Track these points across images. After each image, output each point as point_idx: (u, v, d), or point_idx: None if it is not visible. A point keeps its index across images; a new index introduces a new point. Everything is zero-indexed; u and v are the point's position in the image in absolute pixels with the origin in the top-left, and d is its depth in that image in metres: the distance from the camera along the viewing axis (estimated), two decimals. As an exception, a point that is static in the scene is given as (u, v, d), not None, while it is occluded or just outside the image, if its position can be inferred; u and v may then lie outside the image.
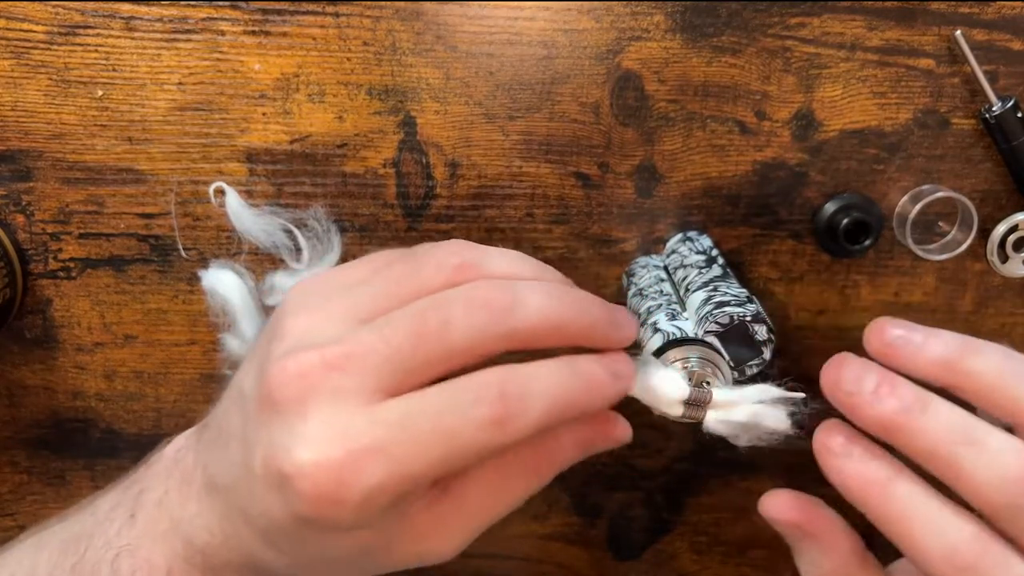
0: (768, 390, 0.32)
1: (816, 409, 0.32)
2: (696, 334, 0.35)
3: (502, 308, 0.26)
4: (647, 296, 0.41)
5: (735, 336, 0.35)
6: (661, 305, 0.39)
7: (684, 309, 0.38)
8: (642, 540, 0.50)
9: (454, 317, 0.25)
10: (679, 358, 0.34)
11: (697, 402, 0.31)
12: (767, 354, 0.35)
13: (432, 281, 0.27)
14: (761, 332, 0.35)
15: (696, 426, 0.32)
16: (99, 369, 0.46)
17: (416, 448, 0.24)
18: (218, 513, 0.28)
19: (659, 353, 0.34)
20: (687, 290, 0.39)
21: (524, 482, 0.29)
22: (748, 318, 0.34)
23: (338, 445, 0.24)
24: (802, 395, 0.32)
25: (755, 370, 0.35)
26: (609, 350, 0.29)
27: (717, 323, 0.35)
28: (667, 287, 0.41)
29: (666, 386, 0.31)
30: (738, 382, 0.35)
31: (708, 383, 0.33)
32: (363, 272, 0.29)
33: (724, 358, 0.34)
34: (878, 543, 0.37)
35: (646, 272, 0.43)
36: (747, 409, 0.31)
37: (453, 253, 0.28)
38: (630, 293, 0.42)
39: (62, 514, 0.35)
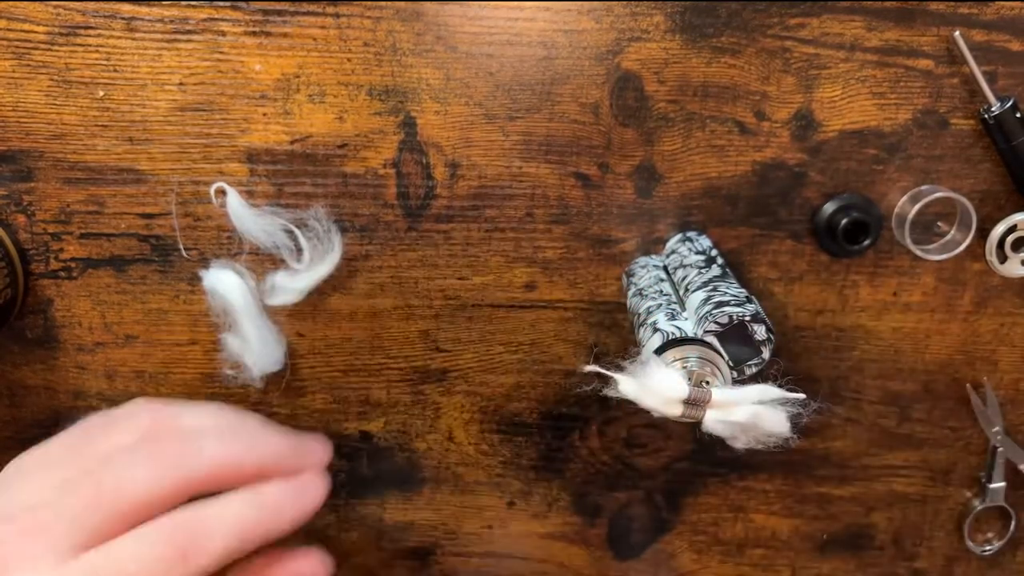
0: (768, 391, 0.32)
1: (817, 409, 0.32)
2: (696, 334, 0.35)
3: (176, 457, 0.28)
4: (647, 296, 0.41)
5: (734, 336, 0.35)
6: (661, 305, 0.39)
7: (684, 309, 0.38)
8: (642, 539, 0.50)
9: (130, 475, 0.28)
10: (678, 358, 0.34)
11: (696, 401, 0.31)
12: (766, 354, 0.35)
13: (123, 441, 0.30)
14: (760, 332, 0.35)
15: (695, 426, 0.32)
16: (100, 369, 0.46)
17: None
18: None
19: (659, 352, 0.34)
20: (687, 290, 0.39)
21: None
22: (747, 317, 0.34)
23: None
24: (802, 395, 0.32)
25: (754, 370, 0.35)
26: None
27: (716, 323, 0.35)
28: (667, 287, 0.41)
29: (666, 385, 0.32)
30: (737, 382, 0.35)
31: (707, 383, 0.33)
32: (68, 441, 0.32)
33: (723, 357, 0.35)
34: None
35: (645, 272, 0.43)
36: (747, 409, 0.31)
37: (145, 415, 0.30)
38: (630, 293, 0.42)
39: None
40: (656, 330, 0.37)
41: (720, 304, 0.35)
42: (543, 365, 0.46)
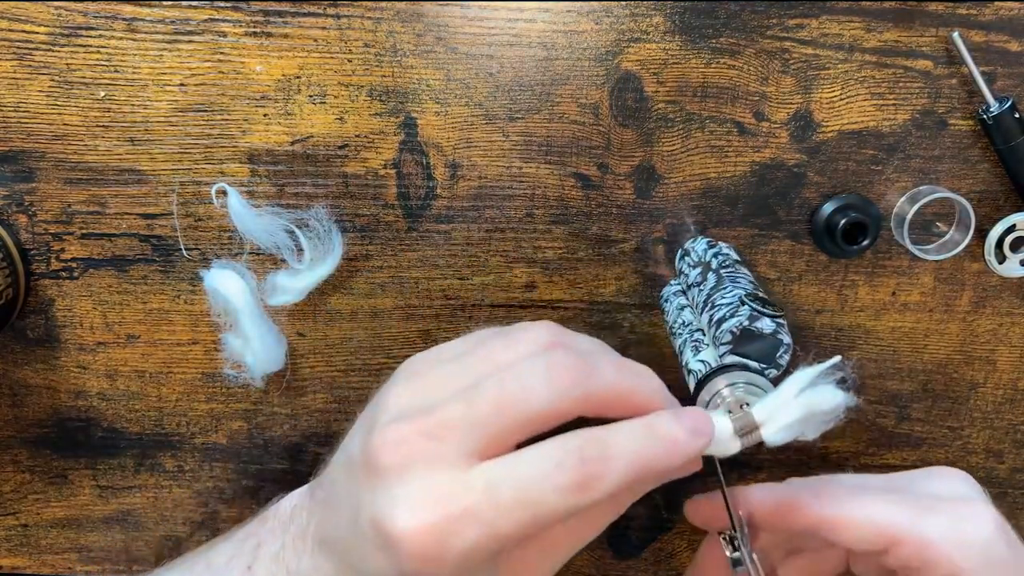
0: (803, 375, 0.30)
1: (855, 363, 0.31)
2: (718, 360, 0.35)
3: (578, 374, 0.28)
4: (675, 333, 0.41)
5: (747, 343, 0.35)
6: (686, 340, 0.39)
7: (705, 333, 0.38)
8: (641, 539, 0.50)
9: (534, 383, 0.27)
10: (712, 394, 0.34)
11: (745, 428, 0.30)
12: (786, 336, 0.34)
13: (523, 351, 0.29)
14: (766, 325, 0.34)
15: (763, 446, 0.31)
16: (101, 369, 0.46)
17: (504, 513, 0.26)
18: (331, 568, 0.30)
19: (695, 396, 0.34)
20: (700, 311, 0.39)
21: (605, 515, 0.31)
22: (746, 324, 0.34)
23: (435, 510, 0.26)
24: (838, 358, 0.31)
25: (788, 356, 0.35)
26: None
27: (725, 343, 0.35)
28: (687, 314, 0.41)
29: (715, 429, 0.30)
30: (786, 372, 0.34)
31: (746, 405, 0.32)
32: (462, 347, 0.31)
33: (751, 368, 0.34)
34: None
35: (668, 306, 0.43)
36: (795, 406, 0.30)
37: (544, 331, 0.30)
38: (667, 329, 0.43)
39: (169, 564, 0.37)
40: (689, 371, 0.37)
41: (719, 322, 0.35)
42: (543, 365, 0.46)
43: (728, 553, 0.35)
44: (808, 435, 0.31)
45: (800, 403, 0.30)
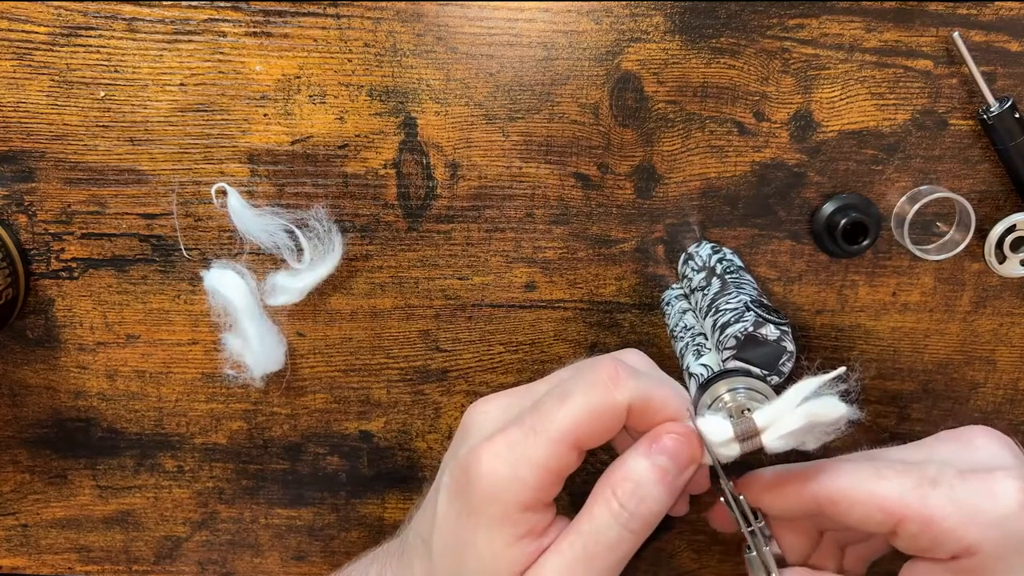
0: (807, 385, 0.30)
1: (859, 377, 0.31)
2: (720, 364, 0.35)
3: (606, 387, 0.31)
4: (676, 337, 0.41)
5: (751, 349, 0.35)
6: (687, 344, 0.39)
7: (708, 338, 0.38)
8: (641, 539, 0.50)
9: (577, 386, 0.31)
10: (714, 398, 0.34)
11: (745, 434, 0.31)
12: (789, 344, 0.34)
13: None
14: (771, 332, 0.34)
15: (763, 453, 0.31)
16: (101, 369, 0.46)
17: (550, 419, 0.30)
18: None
19: (696, 399, 0.34)
20: (703, 316, 0.39)
21: (605, 513, 0.32)
22: (750, 330, 0.34)
23: (499, 435, 0.31)
24: (843, 370, 0.30)
25: (791, 363, 0.35)
26: None
27: (728, 348, 0.35)
28: (689, 318, 0.41)
29: (710, 432, 0.31)
30: (788, 379, 0.34)
31: (748, 410, 0.32)
32: (528, 394, 0.34)
33: (754, 374, 0.34)
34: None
35: (670, 309, 0.43)
36: (797, 414, 0.30)
37: (609, 369, 0.32)
38: (668, 332, 0.43)
39: None
40: (690, 375, 0.37)
41: (724, 327, 0.35)
42: (543, 365, 0.46)
43: (745, 554, 0.35)
44: (809, 445, 0.30)
45: (802, 412, 0.30)
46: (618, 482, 0.31)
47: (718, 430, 0.31)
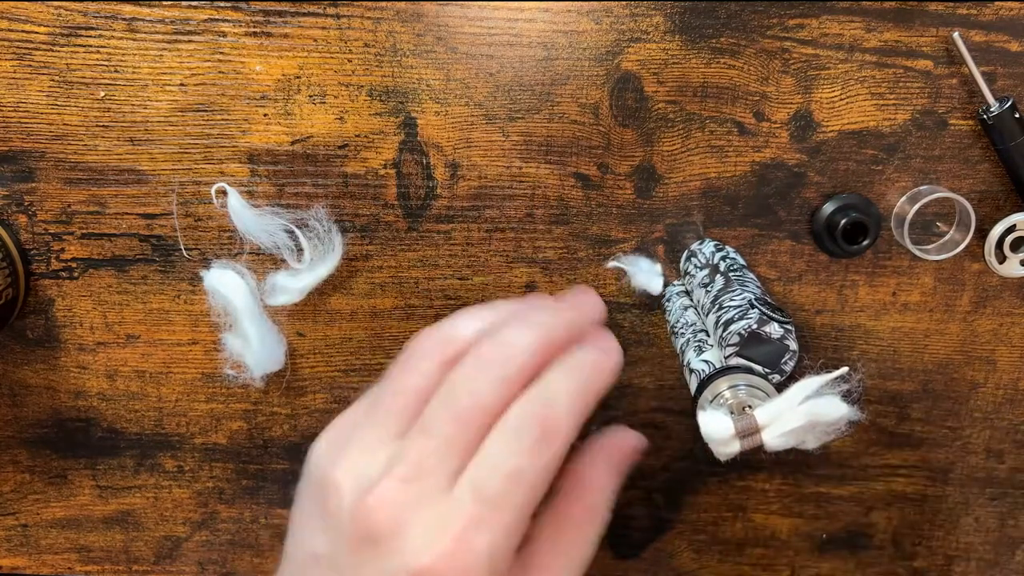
0: (809, 383, 0.30)
1: (861, 378, 0.31)
2: (722, 360, 0.35)
3: (505, 357, 0.29)
4: (677, 333, 0.41)
5: (754, 347, 0.34)
6: (688, 340, 0.39)
7: (710, 334, 0.38)
8: (641, 539, 0.50)
9: (477, 385, 0.28)
10: (715, 394, 0.34)
11: (746, 431, 0.30)
12: (792, 343, 0.34)
13: (431, 373, 0.30)
14: (774, 330, 0.34)
15: (762, 449, 0.31)
16: (101, 369, 0.46)
17: (498, 502, 0.27)
18: None
19: (697, 395, 0.34)
20: (706, 313, 0.39)
21: (589, 526, 0.31)
22: (754, 327, 0.34)
23: (444, 537, 0.26)
24: (845, 370, 0.31)
25: (792, 363, 0.35)
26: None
27: (731, 345, 0.35)
28: (691, 315, 0.41)
29: (711, 429, 0.31)
30: (789, 378, 0.34)
31: (750, 407, 0.32)
32: (364, 406, 0.32)
33: (756, 371, 0.34)
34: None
35: (670, 305, 0.43)
36: (798, 412, 0.30)
37: (426, 342, 0.31)
38: (668, 329, 0.43)
39: None
40: (691, 371, 0.37)
41: (727, 324, 0.35)
42: (543, 365, 0.46)
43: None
44: (809, 444, 0.31)
45: (803, 411, 0.30)
46: (600, 503, 0.31)
47: (719, 426, 0.31)
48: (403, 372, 0.31)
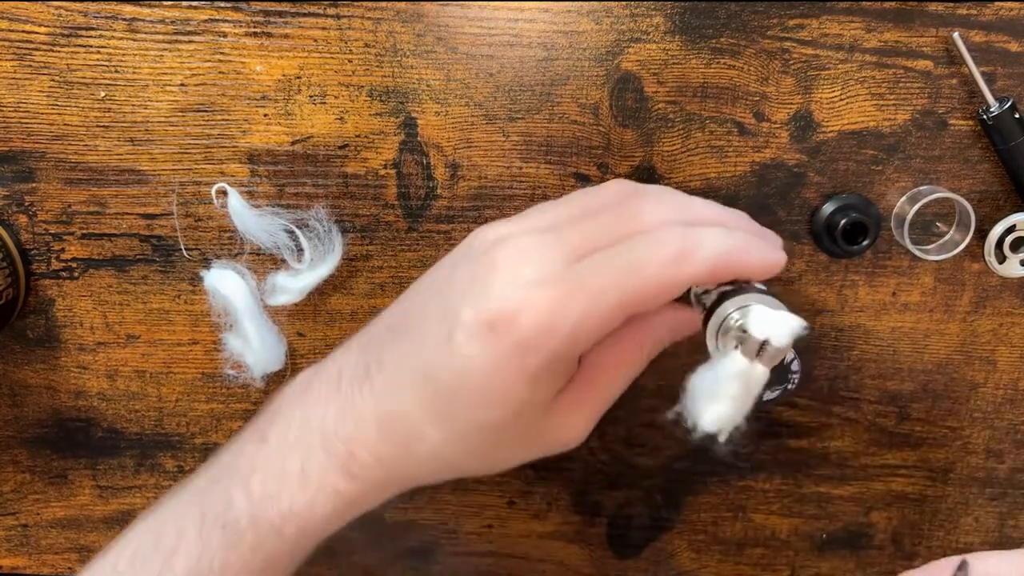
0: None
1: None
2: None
3: (680, 203, 0.32)
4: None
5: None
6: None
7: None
8: (641, 538, 0.51)
9: (648, 261, 0.29)
10: (722, 319, 0.31)
11: (756, 349, 0.28)
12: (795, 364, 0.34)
13: (608, 201, 0.33)
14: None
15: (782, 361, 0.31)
16: (101, 369, 0.46)
17: (610, 283, 0.29)
18: (371, 399, 0.31)
19: (704, 327, 0.32)
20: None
21: (636, 359, 0.33)
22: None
23: (548, 286, 0.29)
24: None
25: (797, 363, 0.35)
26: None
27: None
28: None
29: (726, 368, 0.28)
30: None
31: (745, 331, 0.29)
32: (548, 217, 0.33)
33: (758, 289, 0.31)
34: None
35: None
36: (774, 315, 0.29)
37: (615, 186, 0.33)
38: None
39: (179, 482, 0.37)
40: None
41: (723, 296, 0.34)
42: (543, 365, 0.46)
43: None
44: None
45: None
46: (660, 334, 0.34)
47: (736, 361, 0.28)
48: (579, 196, 0.33)
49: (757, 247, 0.31)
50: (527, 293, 0.28)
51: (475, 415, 0.30)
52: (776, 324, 0.28)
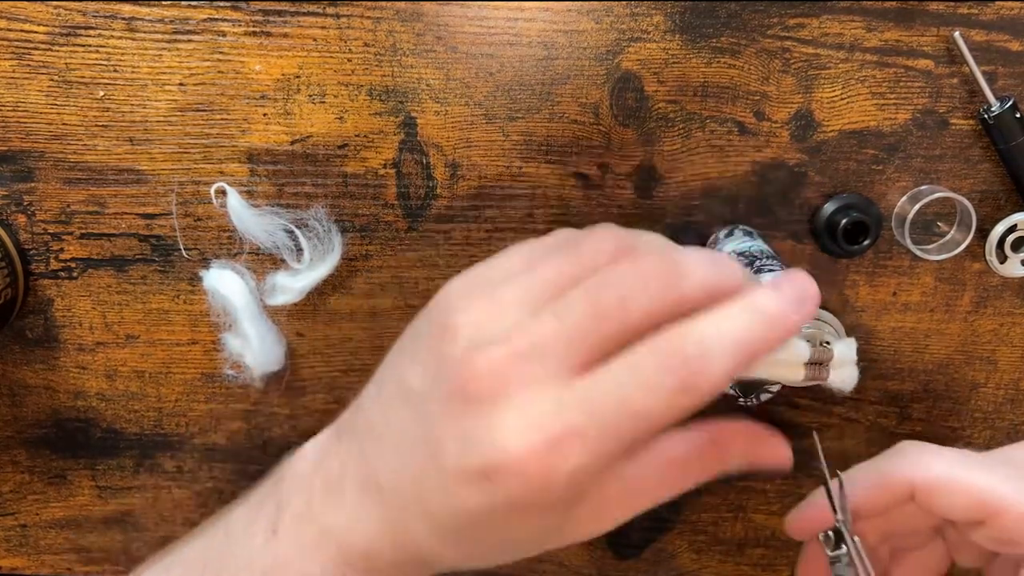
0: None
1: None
2: None
3: (671, 277, 0.26)
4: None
5: None
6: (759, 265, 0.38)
7: None
8: (642, 539, 0.50)
9: (629, 292, 0.26)
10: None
11: (818, 361, 0.30)
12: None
13: (593, 264, 0.28)
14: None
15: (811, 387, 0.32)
16: (100, 369, 0.46)
17: (609, 427, 0.25)
18: (379, 515, 0.29)
19: None
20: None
21: (685, 478, 0.30)
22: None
23: (539, 433, 0.24)
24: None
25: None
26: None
27: None
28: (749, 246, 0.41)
29: (788, 351, 0.30)
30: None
31: (827, 342, 0.32)
32: (518, 263, 0.30)
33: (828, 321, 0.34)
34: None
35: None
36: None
37: (607, 238, 0.28)
38: None
39: (184, 538, 0.35)
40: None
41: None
42: (543, 365, 0.46)
43: (828, 552, 0.34)
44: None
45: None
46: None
47: (796, 349, 0.29)
48: (565, 250, 0.29)
49: (782, 320, 0.26)
50: (518, 441, 0.24)
51: (483, 540, 0.28)
52: (851, 370, 0.30)
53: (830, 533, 0.34)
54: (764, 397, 0.36)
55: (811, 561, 0.37)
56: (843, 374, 0.31)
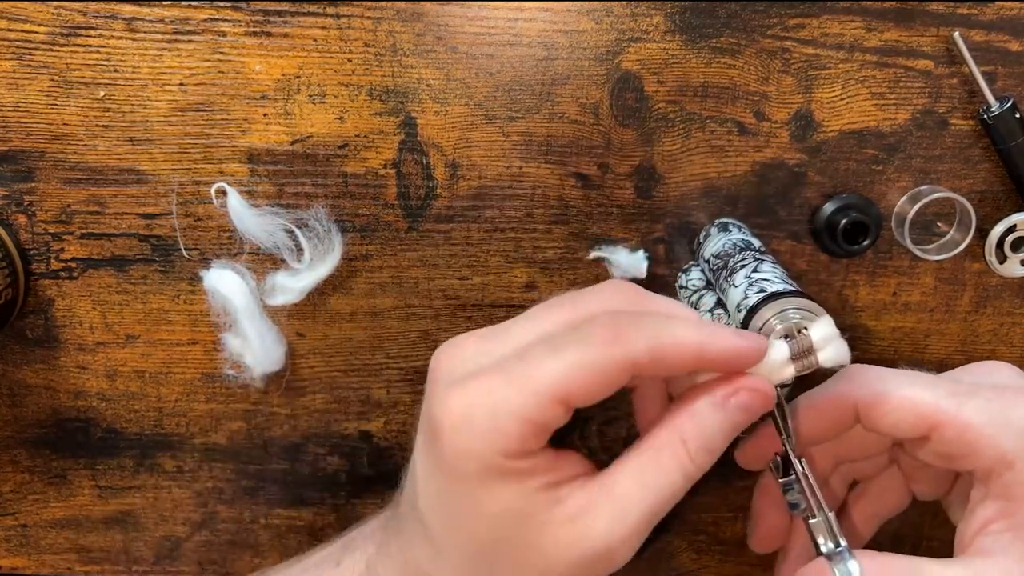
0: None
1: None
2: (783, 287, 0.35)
3: (612, 337, 0.28)
4: (714, 270, 0.40)
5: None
6: (725, 272, 0.39)
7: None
8: (642, 539, 0.50)
9: (568, 348, 0.28)
10: (763, 322, 0.33)
11: (801, 352, 0.30)
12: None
13: (579, 319, 0.30)
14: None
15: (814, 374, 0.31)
16: (100, 369, 0.46)
17: (537, 365, 0.27)
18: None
19: (751, 315, 0.33)
20: (737, 267, 0.39)
21: (675, 465, 0.29)
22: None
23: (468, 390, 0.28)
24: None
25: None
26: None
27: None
28: (723, 247, 0.41)
29: (768, 356, 0.30)
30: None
31: (805, 329, 0.31)
32: (492, 330, 0.32)
33: (804, 294, 0.33)
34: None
35: (686, 278, 0.43)
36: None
37: (612, 290, 0.31)
38: (685, 295, 0.43)
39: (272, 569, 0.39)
40: (739, 308, 0.36)
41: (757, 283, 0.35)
42: (543, 365, 0.46)
43: (779, 479, 0.33)
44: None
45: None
46: (691, 434, 0.29)
47: (775, 351, 0.30)
48: (565, 308, 0.30)
49: (734, 344, 0.28)
50: (453, 392, 0.28)
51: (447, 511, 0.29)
52: (836, 345, 0.30)
53: (778, 459, 0.34)
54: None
55: (765, 493, 0.38)
56: (830, 352, 0.30)
